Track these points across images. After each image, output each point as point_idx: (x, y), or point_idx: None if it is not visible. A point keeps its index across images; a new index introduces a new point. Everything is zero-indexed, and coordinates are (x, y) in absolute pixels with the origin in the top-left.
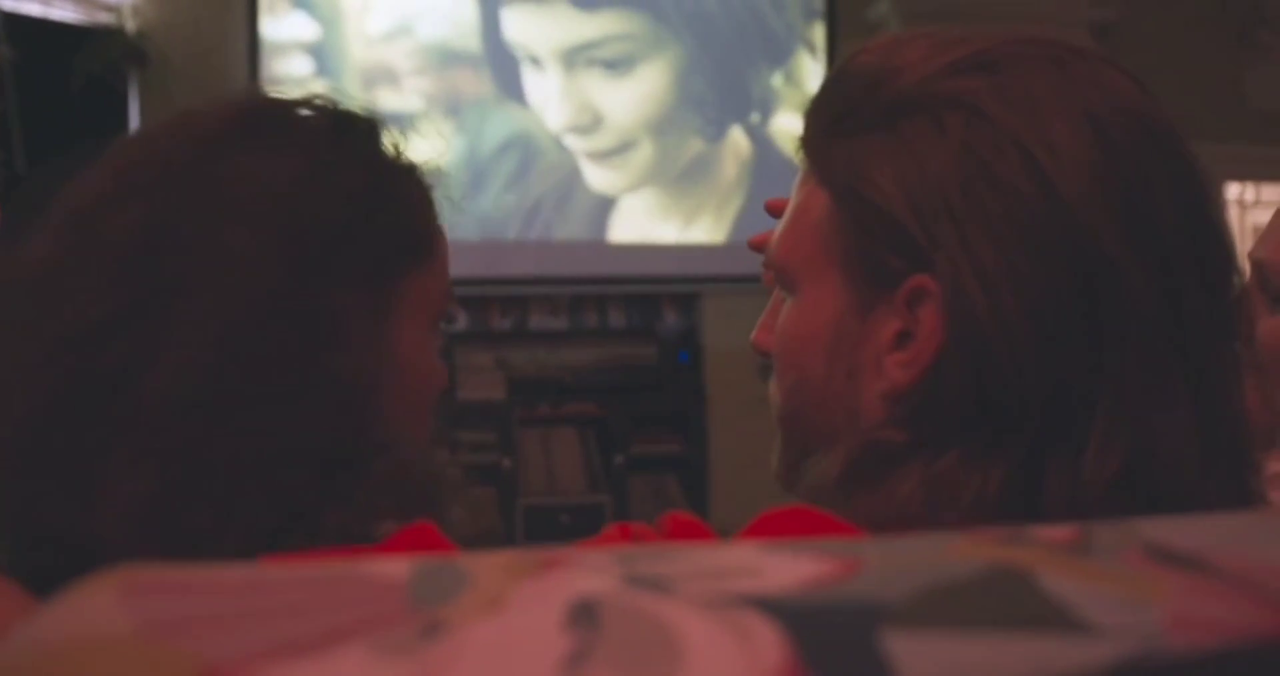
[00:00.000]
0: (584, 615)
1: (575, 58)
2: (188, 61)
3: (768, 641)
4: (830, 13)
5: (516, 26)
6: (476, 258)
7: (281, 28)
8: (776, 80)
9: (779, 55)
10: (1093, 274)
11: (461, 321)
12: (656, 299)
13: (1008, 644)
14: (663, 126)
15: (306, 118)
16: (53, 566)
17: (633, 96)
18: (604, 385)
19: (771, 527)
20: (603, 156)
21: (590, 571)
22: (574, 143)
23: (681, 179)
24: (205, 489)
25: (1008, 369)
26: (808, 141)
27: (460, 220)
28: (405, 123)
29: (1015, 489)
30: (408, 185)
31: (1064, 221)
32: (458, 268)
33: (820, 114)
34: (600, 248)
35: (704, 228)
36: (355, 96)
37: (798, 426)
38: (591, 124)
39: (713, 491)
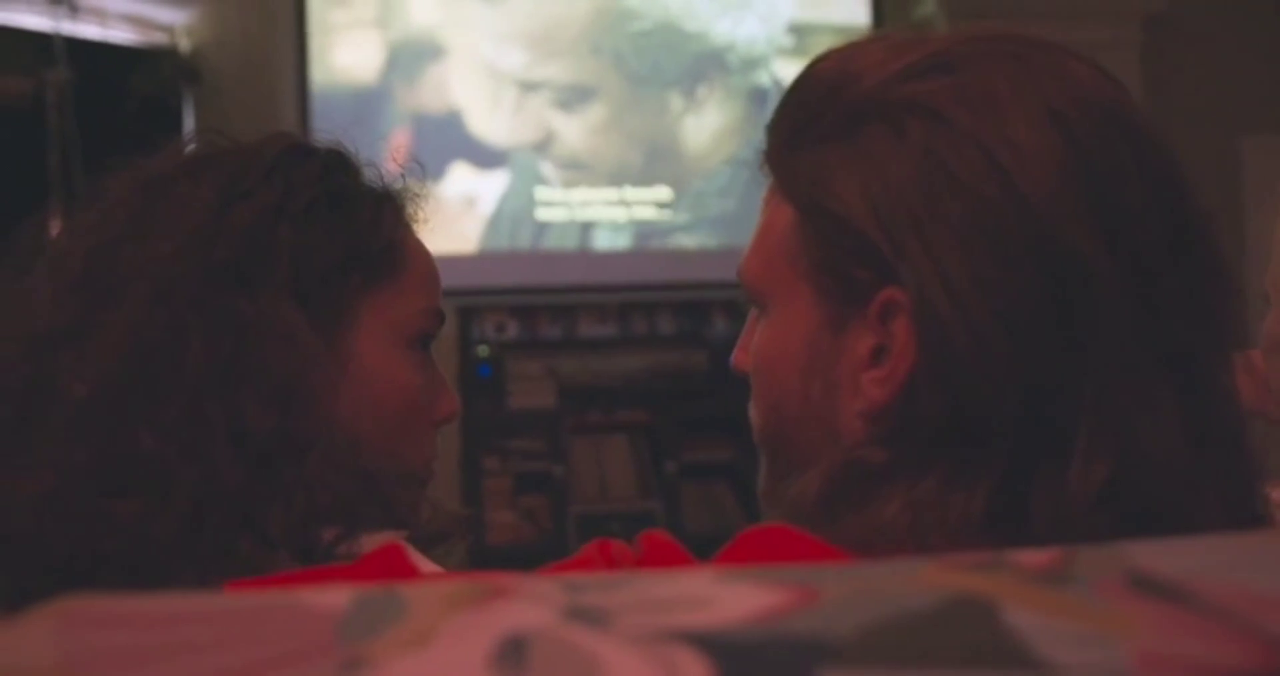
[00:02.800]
0: (512, 651)
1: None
2: (240, 79)
3: None
4: (877, 12)
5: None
6: (526, 267)
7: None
8: None
9: None
10: (1064, 275)
11: (511, 330)
12: (706, 305)
13: None
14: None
15: (253, 154)
16: (15, 567)
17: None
18: (654, 392)
19: (748, 547)
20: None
21: (531, 603)
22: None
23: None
24: (131, 478)
25: (982, 381)
26: (770, 155)
27: (513, 231)
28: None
29: (1001, 507)
30: (364, 209)
31: (1030, 222)
32: (508, 277)
33: (781, 126)
34: (647, 255)
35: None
36: (330, 132)
37: (779, 446)
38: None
39: None
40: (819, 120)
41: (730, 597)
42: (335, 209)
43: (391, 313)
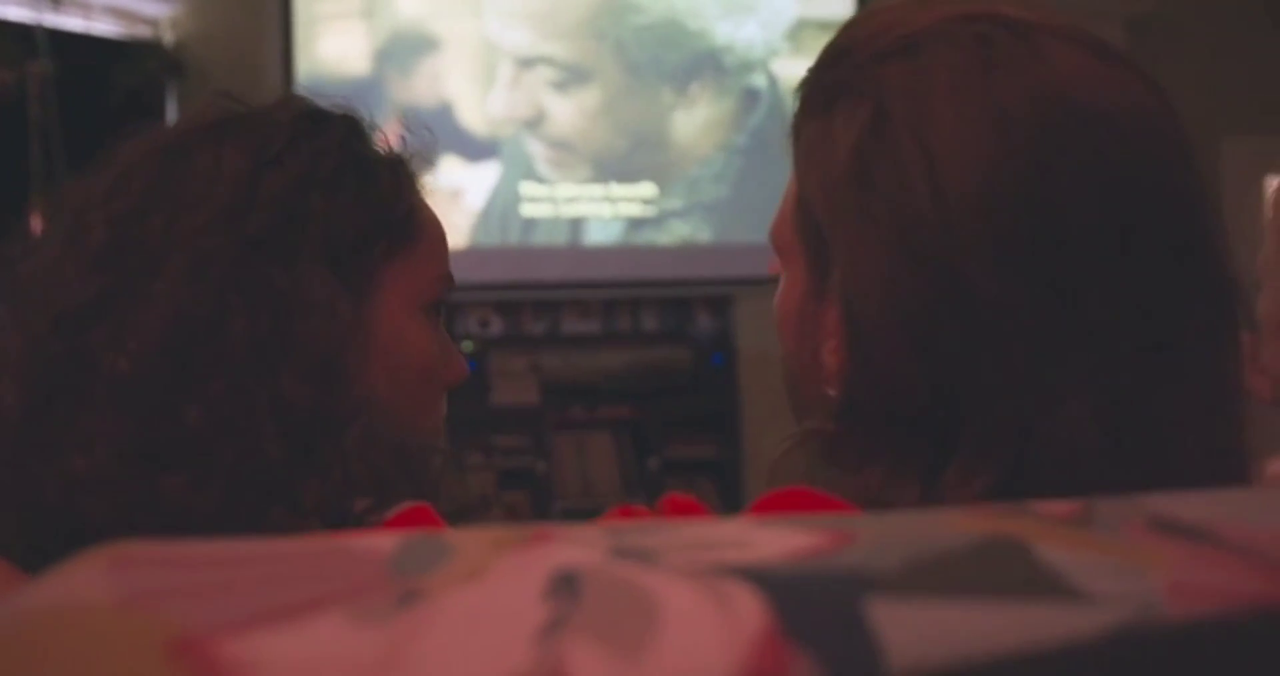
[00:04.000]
0: (564, 585)
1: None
2: (224, 73)
3: (749, 609)
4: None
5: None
6: (509, 263)
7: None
8: None
9: None
10: (968, 281)
11: (495, 326)
12: (689, 301)
13: (998, 611)
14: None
15: (270, 119)
16: (47, 544)
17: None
18: (638, 388)
19: (772, 504)
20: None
21: (577, 544)
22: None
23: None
24: (177, 453)
25: (890, 377)
26: (794, 121)
27: (500, 227)
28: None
29: (931, 504)
30: (383, 175)
31: (942, 225)
32: (491, 273)
33: (800, 90)
34: (632, 251)
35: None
36: (338, 99)
37: (792, 392)
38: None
39: (747, 494)
40: (816, 91)
41: (770, 538)
42: (359, 176)
43: (409, 280)
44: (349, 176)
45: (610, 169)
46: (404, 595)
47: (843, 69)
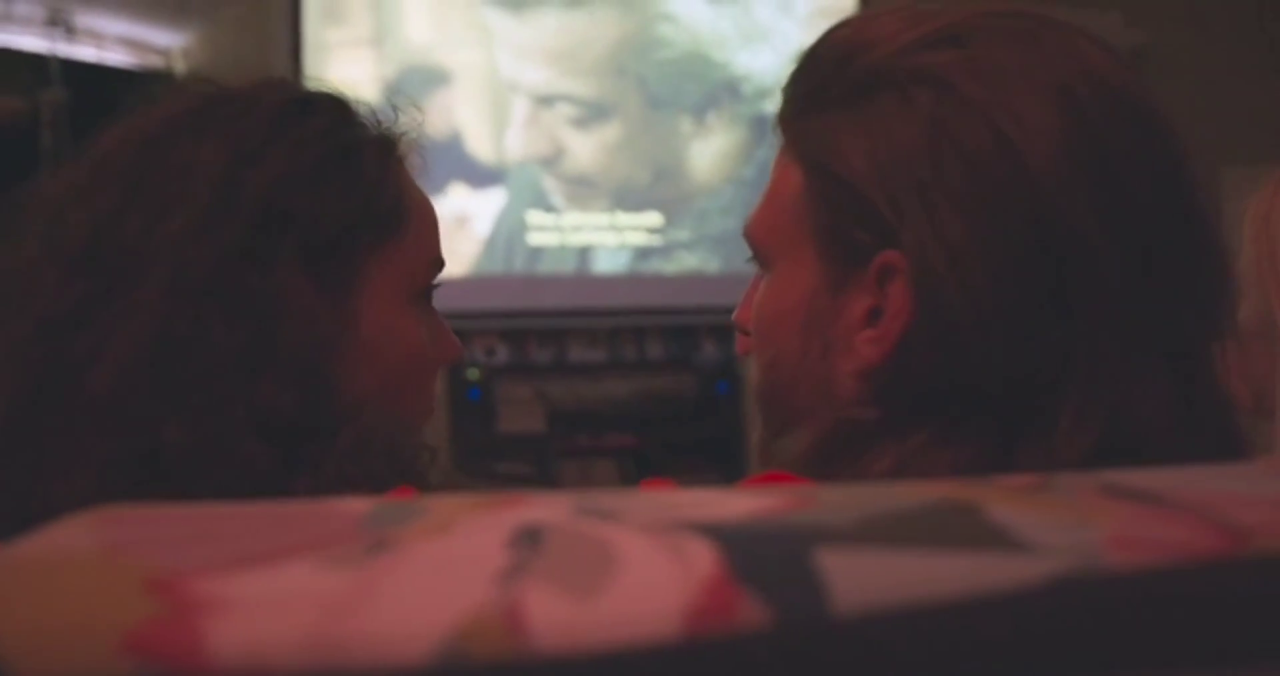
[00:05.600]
0: (527, 536)
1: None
2: None
3: (702, 556)
4: None
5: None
6: (515, 291)
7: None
8: None
9: None
10: (1061, 245)
11: (500, 354)
12: (694, 330)
13: (943, 560)
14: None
15: (252, 106)
16: None
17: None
18: (643, 416)
19: (749, 485)
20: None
21: (544, 505)
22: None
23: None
24: (159, 472)
25: (975, 344)
26: (783, 117)
27: (501, 254)
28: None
29: (986, 467)
30: (369, 162)
31: (1031, 193)
32: (497, 300)
33: (795, 89)
34: (638, 280)
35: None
36: (327, 81)
37: (774, 403)
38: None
39: None
40: (831, 86)
41: (730, 501)
42: (343, 166)
43: (398, 268)
44: (332, 168)
45: (625, 199)
46: (373, 544)
47: (869, 61)
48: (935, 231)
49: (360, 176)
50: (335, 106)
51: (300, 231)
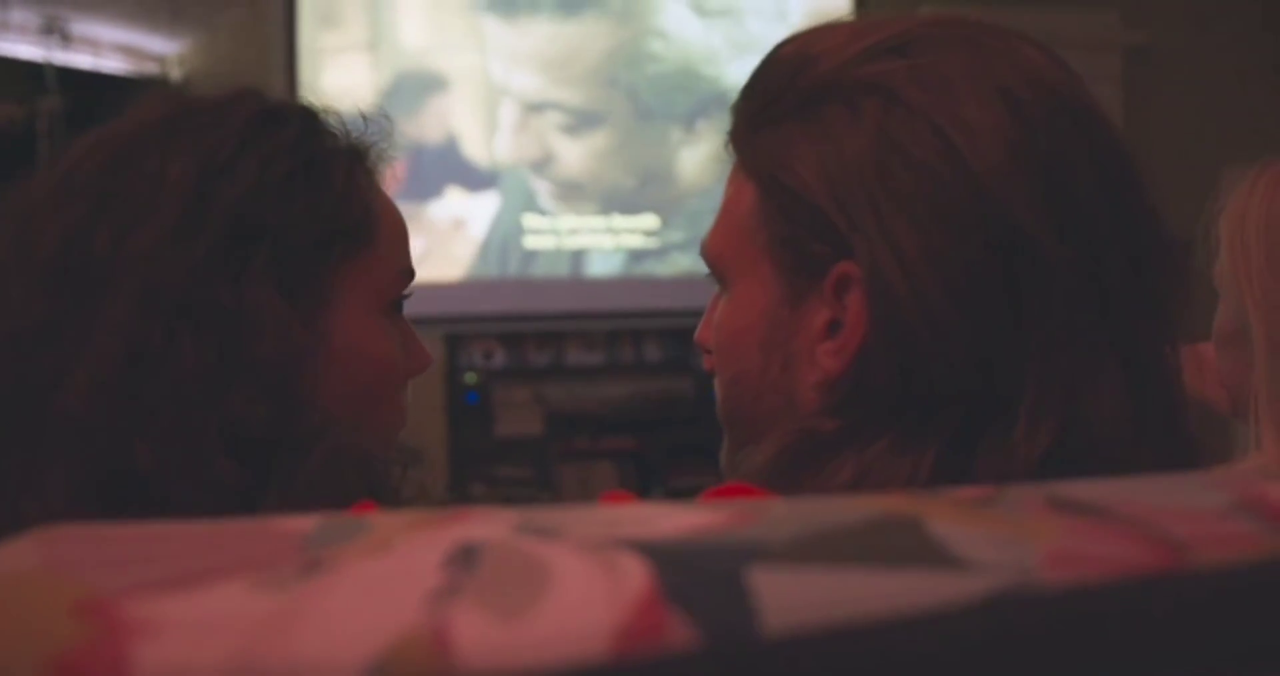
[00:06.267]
0: (463, 556)
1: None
2: None
3: (634, 575)
4: None
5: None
6: (512, 294)
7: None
8: None
9: None
10: (1011, 249)
11: (498, 358)
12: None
13: (878, 577)
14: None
15: (221, 118)
16: None
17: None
18: (641, 418)
19: (706, 498)
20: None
21: (485, 522)
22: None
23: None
24: (130, 491)
25: (931, 350)
26: (734, 133)
27: (497, 258)
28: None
29: (947, 472)
30: (338, 174)
31: (980, 198)
32: (494, 304)
33: (744, 106)
34: (634, 282)
35: None
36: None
37: (738, 418)
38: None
39: None
40: (780, 100)
41: (672, 516)
42: (312, 180)
43: (368, 280)
44: (300, 182)
45: (614, 203)
46: (308, 564)
47: (817, 74)
48: (887, 240)
49: (330, 188)
50: (304, 118)
51: (270, 244)
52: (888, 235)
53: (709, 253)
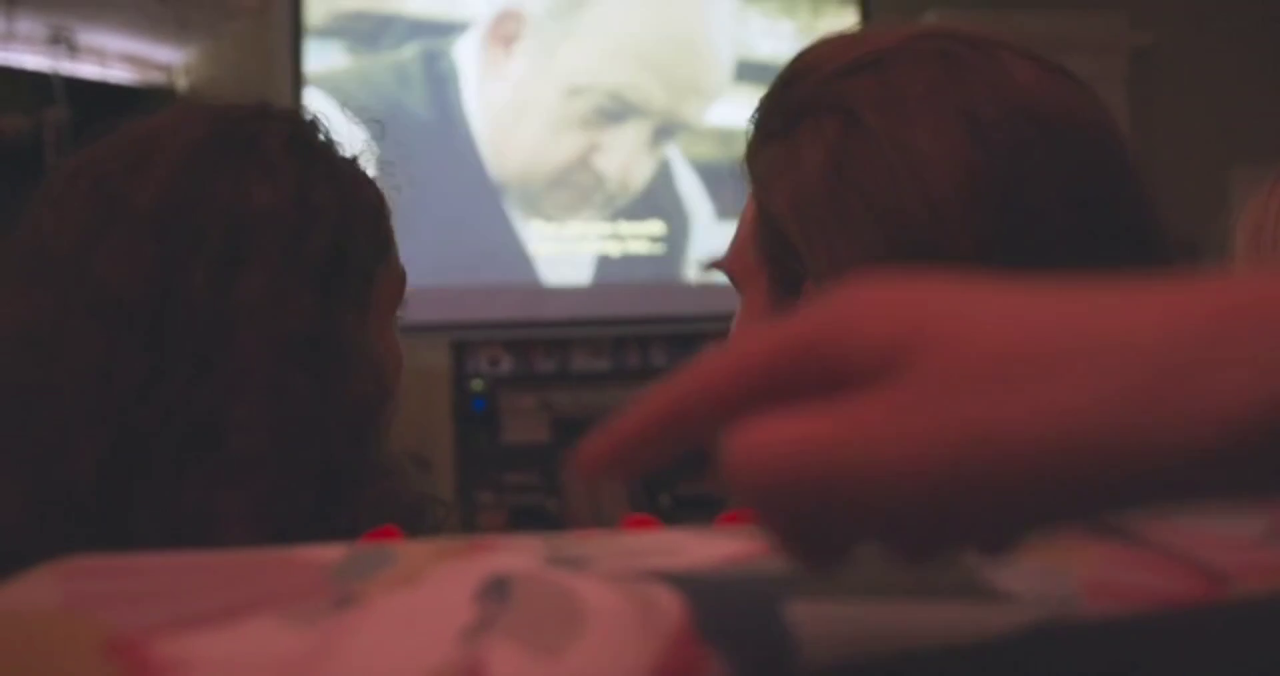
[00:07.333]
0: (495, 588)
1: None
2: None
3: (668, 610)
4: None
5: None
6: (519, 301)
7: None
8: None
9: None
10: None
11: (505, 364)
12: (698, 338)
13: (913, 610)
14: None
15: (261, 134)
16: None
17: None
18: None
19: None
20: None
21: (515, 552)
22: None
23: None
24: (282, 522)
25: None
26: (746, 151)
27: (504, 264)
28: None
29: None
30: (364, 186)
31: (925, 224)
32: (501, 311)
33: (753, 121)
34: (641, 288)
35: None
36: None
37: None
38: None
39: None
40: (772, 117)
41: (701, 546)
42: (356, 193)
43: (388, 290)
44: (349, 201)
45: (622, 209)
46: (339, 599)
47: (802, 89)
48: (832, 264)
49: (364, 203)
50: (321, 130)
51: (346, 271)
52: (835, 259)
53: (725, 265)
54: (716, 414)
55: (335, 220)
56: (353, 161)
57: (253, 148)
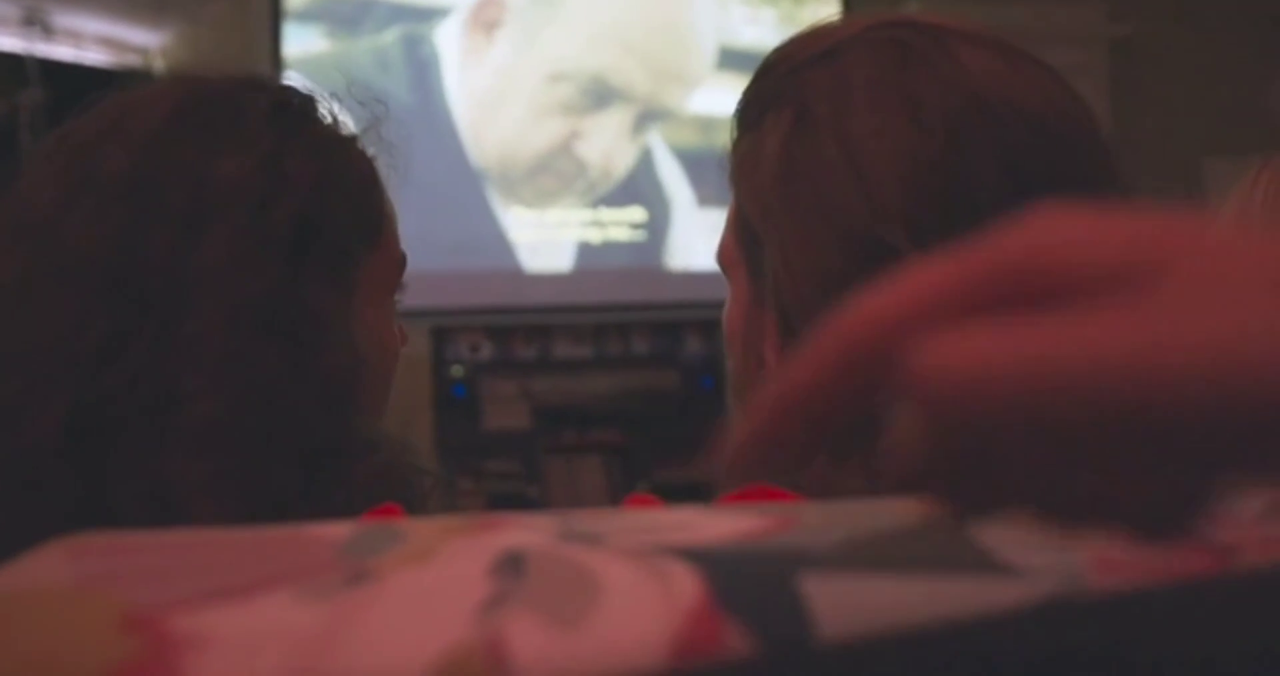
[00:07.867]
0: (510, 564)
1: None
2: None
3: (685, 584)
4: None
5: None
6: (500, 287)
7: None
8: None
9: None
10: (889, 251)
11: (485, 351)
12: (680, 325)
13: (926, 584)
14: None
15: (244, 105)
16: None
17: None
18: (628, 412)
19: (731, 498)
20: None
21: (525, 529)
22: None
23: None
24: (268, 496)
25: None
26: (730, 140)
27: (485, 250)
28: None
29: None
30: (353, 163)
31: (867, 214)
32: (482, 297)
33: (735, 111)
34: (622, 275)
35: None
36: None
37: (739, 410)
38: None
39: None
40: (748, 109)
41: (714, 522)
42: (343, 171)
43: (380, 272)
44: (333, 177)
45: (603, 195)
46: (352, 575)
47: (768, 83)
48: (782, 255)
49: (352, 181)
50: (311, 105)
51: (324, 244)
52: (785, 247)
53: (717, 254)
54: (900, 342)
55: (307, 192)
56: (348, 139)
57: (231, 116)
